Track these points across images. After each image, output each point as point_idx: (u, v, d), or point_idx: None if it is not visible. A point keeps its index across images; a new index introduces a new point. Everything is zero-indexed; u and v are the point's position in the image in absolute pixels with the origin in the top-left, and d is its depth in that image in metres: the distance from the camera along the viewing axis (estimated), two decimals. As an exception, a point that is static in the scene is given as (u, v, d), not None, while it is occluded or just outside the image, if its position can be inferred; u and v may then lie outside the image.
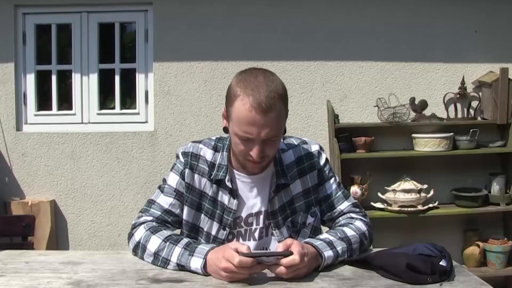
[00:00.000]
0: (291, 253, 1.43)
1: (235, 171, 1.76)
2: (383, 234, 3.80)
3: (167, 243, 1.59)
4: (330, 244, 1.58)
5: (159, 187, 1.79)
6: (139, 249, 1.65)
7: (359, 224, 1.75)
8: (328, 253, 1.55)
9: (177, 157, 1.80)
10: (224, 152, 1.76)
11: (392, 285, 1.39)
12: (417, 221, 3.83)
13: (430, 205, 3.72)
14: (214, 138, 1.82)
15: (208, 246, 1.54)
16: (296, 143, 1.83)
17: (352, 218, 1.79)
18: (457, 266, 1.56)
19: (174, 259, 1.54)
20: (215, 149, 1.77)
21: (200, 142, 1.81)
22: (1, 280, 1.45)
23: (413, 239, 1.61)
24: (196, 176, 1.74)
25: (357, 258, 1.59)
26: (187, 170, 1.74)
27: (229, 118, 1.62)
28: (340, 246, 1.59)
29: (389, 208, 3.71)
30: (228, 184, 1.72)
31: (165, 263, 1.56)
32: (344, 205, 1.82)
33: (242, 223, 1.76)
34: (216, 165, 1.75)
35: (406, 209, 3.66)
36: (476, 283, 1.41)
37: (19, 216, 3.22)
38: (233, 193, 1.73)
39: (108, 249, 4.01)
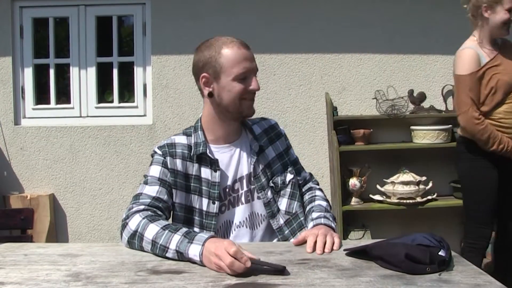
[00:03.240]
0: (284, 268, 1.41)
1: (212, 145, 1.87)
2: (382, 226, 3.82)
3: (166, 231, 1.57)
4: (332, 218, 1.86)
5: (143, 182, 1.82)
6: (135, 238, 1.63)
7: (320, 193, 2.02)
8: (333, 224, 1.83)
9: (154, 153, 1.86)
10: (199, 132, 1.88)
11: (391, 275, 1.39)
12: (416, 213, 3.84)
13: (429, 197, 3.73)
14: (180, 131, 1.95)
15: (208, 234, 1.55)
16: (257, 120, 2.03)
17: (311, 189, 2.05)
18: (456, 256, 1.56)
19: (172, 246, 1.53)
20: (186, 134, 1.89)
21: (170, 136, 1.91)
22: (0, 272, 1.45)
23: (412, 231, 1.61)
24: (177, 160, 1.82)
25: (356, 249, 1.59)
26: (168, 158, 1.82)
27: (217, 74, 1.78)
28: (331, 218, 1.85)
29: (388, 200, 3.71)
30: (210, 155, 1.83)
31: (163, 250, 1.55)
32: (305, 173, 2.09)
33: (231, 192, 1.86)
34: (193, 144, 1.85)
35: (405, 201, 3.67)
36: (475, 273, 1.41)
37: (17, 209, 3.21)
38: (214, 165, 1.83)
39: (108, 242, 4.00)
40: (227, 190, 1.85)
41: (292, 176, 1.95)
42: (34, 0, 4.07)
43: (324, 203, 1.94)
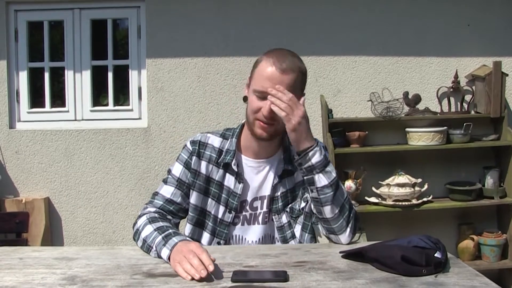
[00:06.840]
0: (285, 274, 1.39)
1: (242, 155, 1.85)
2: (377, 228, 3.81)
3: (156, 232, 1.64)
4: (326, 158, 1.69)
5: (163, 179, 1.88)
6: (136, 235, 1.74)
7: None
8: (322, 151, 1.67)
9: (184, 146, 1.88)
10: (233, 139, 1.85)
11: (387, 277, 1.39)
12: (412, 215, 3.84)
13: (425, 199, 3.73)
14: (222, 128, 1.92)
15: (180, 238, 1.57)
16: None
17: None
18: (452, 258, 1.56)
19: (154, 246, 1.60)
20: (224, 137, 1.87)
21: (208, 132, 1.90)
22: (-5, 276, 1.44)
23: (408, 234, 1.61)
24: (203, 162, 1.83)
25: (352, 251, 1.59)
26: (194, 158, 1.83)
27: (251, 80, 1.74)
28: (330, 168, 1.67)
29: (384, 202, 3.71)
30: (234, 167, 1.81)
31: (148, 249, 1.63)
32: None
33: (248, 207, 1.84)
34: (224, 150, 1.84)
35: (400, 203, 3.67)
36: (471, 275, 1.42)
37: (12, 213, 3.21)
38: (239, 177, 1.81)
39: (103, 245, 3.99)
40: (244, 204, 1.84)
41: (304, 204, 1.85)
42: (29, 3, 4.06)
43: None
